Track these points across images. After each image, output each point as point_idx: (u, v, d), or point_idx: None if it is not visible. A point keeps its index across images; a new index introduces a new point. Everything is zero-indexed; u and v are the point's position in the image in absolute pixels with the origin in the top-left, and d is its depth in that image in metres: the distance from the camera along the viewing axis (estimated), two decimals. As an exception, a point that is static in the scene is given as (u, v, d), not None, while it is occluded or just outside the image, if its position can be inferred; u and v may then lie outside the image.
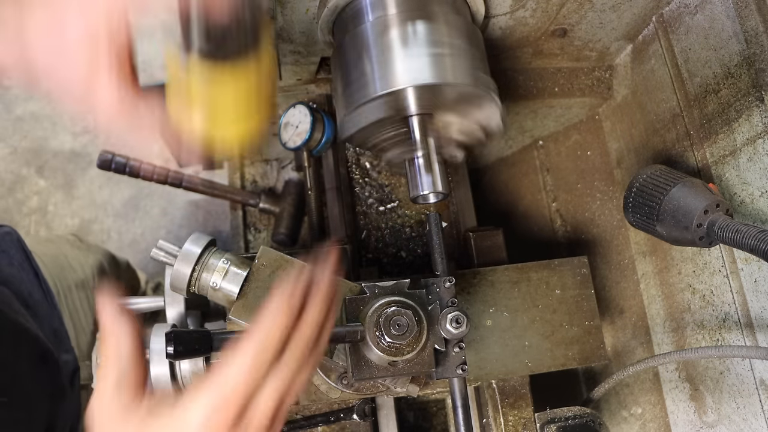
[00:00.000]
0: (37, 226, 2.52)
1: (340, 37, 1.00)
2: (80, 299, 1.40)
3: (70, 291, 1.36)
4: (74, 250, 1.51)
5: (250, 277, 0.93)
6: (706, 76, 1.08)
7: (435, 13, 0.94)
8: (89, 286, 1.46)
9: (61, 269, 1.39)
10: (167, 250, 0.94)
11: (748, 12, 0.97)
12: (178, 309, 1.20)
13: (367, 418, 1.06)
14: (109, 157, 1.40)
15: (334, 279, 0.65)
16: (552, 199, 1.63)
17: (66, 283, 1.36)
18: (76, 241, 1.56)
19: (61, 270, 1.38)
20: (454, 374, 0.90)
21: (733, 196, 1.02)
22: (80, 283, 1.42)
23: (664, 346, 1.25)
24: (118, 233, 2.53)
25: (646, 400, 1.31)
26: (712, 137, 1.07)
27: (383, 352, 0.82)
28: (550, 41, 1.22)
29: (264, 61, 0.57)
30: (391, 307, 0.83)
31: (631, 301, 1.36)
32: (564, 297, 1.12)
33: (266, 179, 1.56)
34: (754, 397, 1.00)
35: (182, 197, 2.55)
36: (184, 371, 1.07)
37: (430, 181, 0.97)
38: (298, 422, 1.04)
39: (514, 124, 1.52)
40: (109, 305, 0.61)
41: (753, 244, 0.83)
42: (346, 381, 1.01)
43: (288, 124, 1.26)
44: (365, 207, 1.33)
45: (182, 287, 0.93)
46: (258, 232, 1.52)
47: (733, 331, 1.05)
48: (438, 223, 0.96)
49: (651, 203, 1.01)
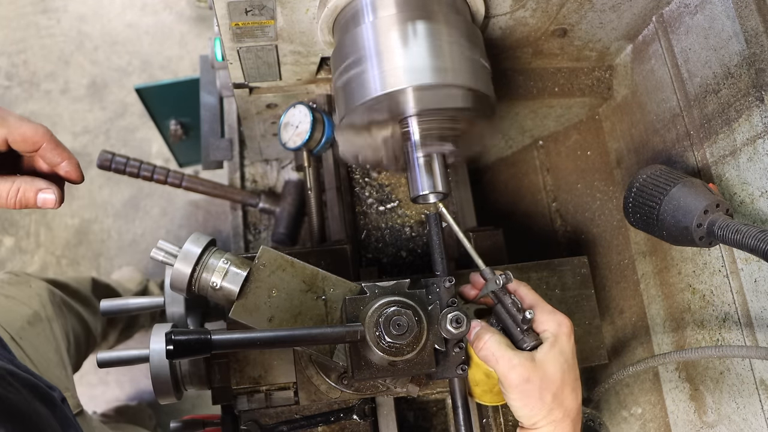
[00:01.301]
0: (37, 226, 2.52)
1: (340, 37, 1.00)
2: (36, 334, 1.37)
3: (24, 330, 1.33)
4: (14, 287, 1.47)
5: (250, 277, 0.93)
6: (706, 76, 1.08)
7: (435, 13, 0.94)
8: (42, 316, 1.43)
9: (8, 312, 1.36)
10: (167, 250, 0.94)
11: (748, 12, 0.97)
12: (178, 309, 1.20)
13: (367, 418, 1.05)
14: (109, 157, 1.40)
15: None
16: (552, 199, 1.63)
17: (17, 324, 1.33)
18: (12, 277, 1.51)
19: (7, 314, 1.35)
20: (454, 374, 0.90)
21: (733, 196, 1.02)
22: (32, 317, 1.39)
23: (664, 346, 1.25)
24: (118, 233, 2.53)
25: (646, 400, 1.31)
26: (712, 137, 1.07)
27: (383, 352, 0.81)
28: (550, 41, 1.22)
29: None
30: (391, 307, 0.83)
31: (631, 301, 1.36)
32: (564, 297, 1.12)
33: (266, 179, 1.56)
34: (754, 397, 1.00)
35: (182, 197, 2.55)
36: (184, 371, 1.07)
37: (430, 181, 0.97)
38: (298, 422, 1.04)
39: (514, 124, 1.52)
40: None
41: (753, 244, 0.84)
42: (346, 381, 1.01)
43: (288, 124, 1.26)
44: (365, 207, 1.33)
45: (182, 287, 0.93)
46: (258, 232, 1.52)
47: (733, 331, 1.05)
48: (438, 223, 0.96)
49: (651, 203, 1.01)
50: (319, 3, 0.98)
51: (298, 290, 0.93)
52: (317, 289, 0.94)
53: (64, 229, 2.53)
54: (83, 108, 2.69)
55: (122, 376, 2.31)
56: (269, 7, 0.96)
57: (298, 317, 0.92)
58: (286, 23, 1.01)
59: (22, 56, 2.75)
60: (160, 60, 2.75)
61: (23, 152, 0.83)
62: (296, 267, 0.94)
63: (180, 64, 2.75)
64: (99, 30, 2.79)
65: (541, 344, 0.87)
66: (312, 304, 0.93)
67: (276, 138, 1.38)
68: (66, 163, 0.85)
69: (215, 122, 1.70)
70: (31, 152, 0.83)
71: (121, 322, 1.98)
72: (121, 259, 2.49)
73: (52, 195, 0.83)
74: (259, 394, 1.05)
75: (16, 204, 0.83)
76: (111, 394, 2.30)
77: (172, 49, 2.77)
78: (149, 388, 1.82)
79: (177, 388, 1.06)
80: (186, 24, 2.80)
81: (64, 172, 0.85)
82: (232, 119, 1.59)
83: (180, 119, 2.13)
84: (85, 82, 2.72)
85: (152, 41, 2.78)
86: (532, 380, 0.84)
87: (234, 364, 1.05)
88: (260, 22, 0.99)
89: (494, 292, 0.91)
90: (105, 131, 2.66)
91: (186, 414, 2.23)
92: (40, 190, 0.83)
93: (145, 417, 2.18)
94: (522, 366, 0.84)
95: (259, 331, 0.88)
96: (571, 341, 0.89)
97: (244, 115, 1.32)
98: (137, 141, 2.65)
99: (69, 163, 0.85)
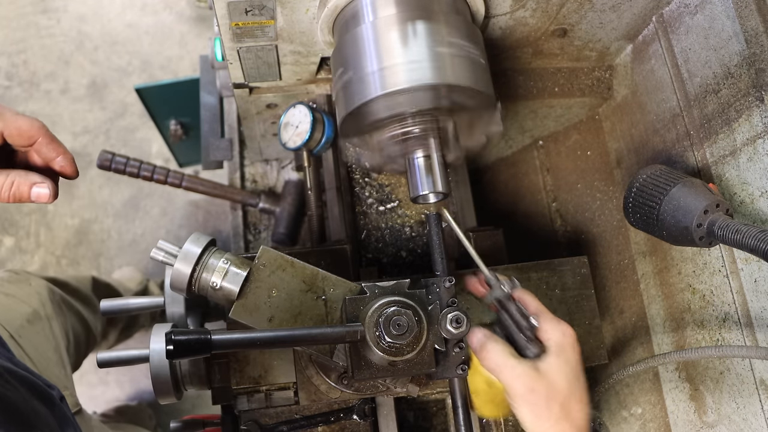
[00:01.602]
0: (37, 226, 2.52)
1: (340, 37, 1.00)
2: (35, 333, 1.36)
3: (23, 329, 1.33)
4: (13, 285, 1.46)
5: (250, 277, 0.93)
6: (706, 76, 1.08)
7: (435, 13, 0.94)
8: (42, 315, 1.42)
9: (7, 311, 1.35)
10: (167, 250, 0.94)
11: (748, 12, 0.97)
12: (178, 309, 1.20)
13: (367, 418, 1.05)
14: (109, 157, 1.40)
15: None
16: (552, 199, 1.63)
17: (16, 322, 1.33)
18: (12, 275, 1.51)
19: (7, 312, 1.35)
20: (454, 374, 0.90)
21: (733, 196, 1.02)
22: (31, 315, 1.39)
23: (664, 346, 1.25)
24: (118, 233, 2.53)
25: (646, 400, 1.31)
26: (712, 137, 1.07)
27: (383, 352, 0.81)
28: (550, 41, 1.22)
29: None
30: (391, 307, 0.83)
31: (631, 301, 1.36)
32: (564, 297, 1.12)
33: (266, 179, 1.56)
34: (754, 397, 1.00)
35: (182, 197, 2.55)
36: (184, 371, 1.07)
37: (430, 181, 0.97)
38: (298, 422, 1.04)
39: (514, 124, 1.52)
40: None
41: (753, 244, 0.83)
42: (346, 381, 1.01)
43: (288, 124, 1.26)
44: (365, 207, 1.33)
45: (182, 287, 0.93)
46: (258, 232, 1.52)
47: (733, 331, 1.05)
48: (438, 223, 0.96)
49: (651, 203, 1.01)
50: (319, 3, 0.98)
51: (298, 290, 0.93)
52: (317, 289, 0.94)
53: (64, 229, 2.53)
54: (83, 108, 2.69)
55: (122, 376, 2.31)
56: (269, 7, 0.96)
57: (298, 317, 0.92)
58: (286, 23, 1.01)
59: (22, 56, 2.75)
60: (160, 60, 2.75)
61: (18, 146, 0.84)
62: (296, 267, 0.94)
63: (180, 64, 2.75)
64: (99, 30, 2.79)
65: (545, 353, 0.86)
66: (312, 304, 0.93)
67: (276, 138, 1.38)
68: (61, 158, 0.85)
69: (215, 122, 1.70)
70: (27, 146, 0.83)
71: (122, 322, 1.98)
72: (121, 259, 2.49)
73: (47, 189, 0.83)
74: (259, 394, 1.05)
75: (9, 197, 0.83)
76: (111, 394, 2.29)
77: (172, 49, 2.77)
78: (149, 388, 1.82)
79: (177, 388, 1.06)
80: (186, 24, 2.80)
81: (59, 166, 0.85)
82: (232, 119, 1.60)
83: (180, 119, 2.13)
84: (85, 82, 2.72)
85: (152, 41, 2.78)
86: (537, 390, 0.82)
87: (234, 364, 1.05)
88: (260, 22, 0.99)
89: (499, 300, 0.89)
90: (105, 131, 2.66)
91: (186, 414, 2.23)
92: (35, 184, 0.83)
93: (146, 417, 2.18)
94: (527, 375, 0.82)
95: (259, 331, 0.88)
96: (577, 352, 0.87)
97: (244, 115, 1.32)
98: (137, 141, 2.64)
99: (64, 157, 0.85)
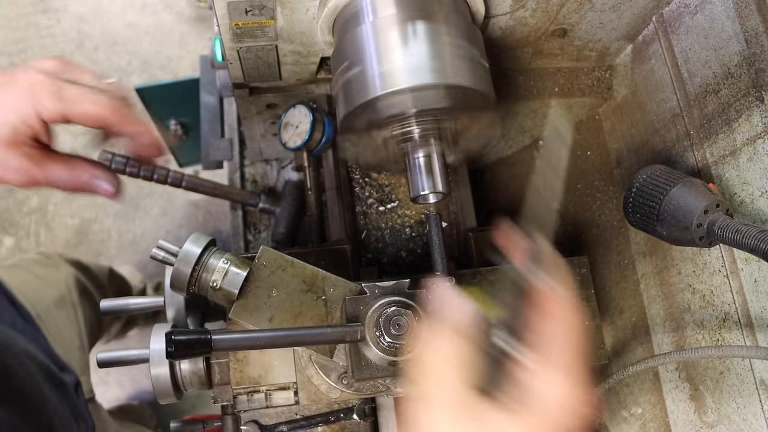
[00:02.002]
0: (37, 226, 2.52)
1: (340, 37, 1.00)
2: (61, 317, 1.37)
3: (49, 311, 1.33)
4: (44, 268, 1.47)
5: (250, 277, 0.93)
6: (706, 76, 1.08)
7: (435, 13, 0.94)
8: (68, 301, 1.43)
9: (36, 291, 1.35)
10: (167, 250, 0.94)
11: (748, 12, 0.97)
12: (178, 309, 1.20)
13: (367, 418, 1.06)
14: (109, 156, 1.40)
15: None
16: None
17: (44, 303, 1.33)
18: (43, 259, 1.52)
19: (35, 292, 1.35)
20: (454, 374, 0.90)
21: (733, 196, 1.02)
22: (58, 300, 1.39)
23: (664, 346, 1.25)
24: (118, 233, 2.53)
25: (646, 400, 1.31)
26: (712, 137, 1.07)
27: (383, 352, 0.82)
28: (550, 41, 1.22)
29: None
30: (391, 307, 0.83)
31: (631, 301, 1.36)
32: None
33: (266, 179, 1.56)
34: (754, 397, 1.00)
35: (182, 197, 2.56)
36: (184, 371, 1.07)
37: (430, 181, 0.97)
38: (298, 422, 1.04)
39: (514, 124, 1.51)
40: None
41: (753, 244, 0.83)
42: (346, 381, 1.01)
43: (288, 124, 1.26)
44: (365, 207, 1.33)
45: (182, 287, 0.93)
46: (258, 232, 1.52)
47: (733, 331, 1.05)
48: (438, 223, 0.96)
49: (651, 203, 1.01)
50: (319, 3, 0.98)
51: (298, 290, 0.93)
52: (317, 289, 0.94)
53: (64, 229, 2.53)
54: (83, 108, 2.69)
55: (122, 376, 2.31)
56: (269, 7, 0.96)
57: (298, 317, 0.92)
58: (286, 23, 1.01)
59: (22, 56, 2.75)
60: (160, 60, 2.75)
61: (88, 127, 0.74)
62: (296, 267, 0.94)
63: (180, 64, 2.75)
64: (99, 30, 2.79)
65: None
66: (312, 304, 0.93)
67: (276, 138, 1.38)
68: (140, 137, 0.75)
69: (215, 122, 1.70)
70: (97, 128, 0.75)
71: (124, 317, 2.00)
72: (121, 259, 2.49)
73: (107, 183, 0.79)
74: (259, 394, 1.05)
75: (69, 187, 0.77)
76: (111, 394, 2.30)
77: (172, 49, 2.77)
78: (149, 387, 1.82)
79: (177, 388, 1.06)
80: (186, 24, 2.80)
81: (139, 147, 0.78)
82: (232, 119, 1.60)
83: (180, 119, 2.13)
84: (85, 82, 2.72)
85: (152, 41, 2.78)
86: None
87: (234, 364, 1.05)
88: (260, 22, 0.99)
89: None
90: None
91: (186, 414, 2.23)
92: (95, 176, 0.78)
93: (147, 416, 2.19)
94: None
95: (259, 331, 0.88)
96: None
97: (244, 115, 1.32)
98: (137, 141, 2.65)
99: (144, 135, 0.74)
